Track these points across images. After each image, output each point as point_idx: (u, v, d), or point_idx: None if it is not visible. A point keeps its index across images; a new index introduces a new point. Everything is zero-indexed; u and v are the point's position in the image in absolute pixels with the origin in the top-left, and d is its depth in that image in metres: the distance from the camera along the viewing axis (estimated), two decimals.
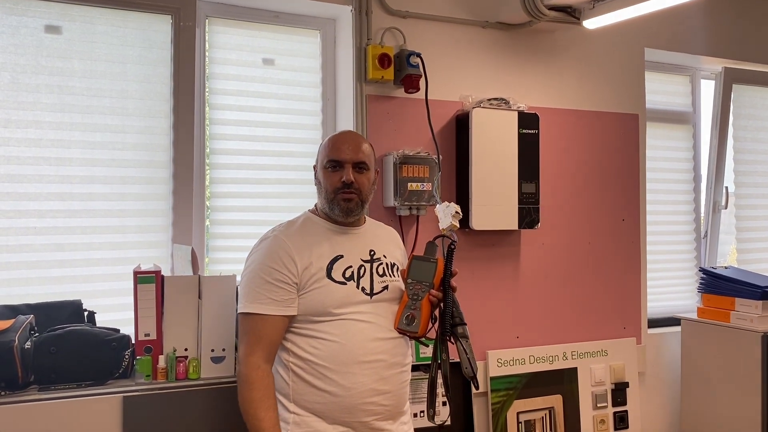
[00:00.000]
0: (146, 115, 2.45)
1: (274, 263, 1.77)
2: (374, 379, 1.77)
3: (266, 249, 1.81)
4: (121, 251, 2.40)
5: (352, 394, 1.75)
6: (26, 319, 2.01)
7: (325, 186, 1.85)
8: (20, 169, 2.27)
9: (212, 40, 2.58)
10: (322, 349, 1.76)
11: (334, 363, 1.75)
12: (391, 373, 1.81)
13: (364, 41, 2.60)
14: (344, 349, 1.75)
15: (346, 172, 1.83)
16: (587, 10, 2.73)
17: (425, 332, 1.84)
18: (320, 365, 1.75)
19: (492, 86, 2.87)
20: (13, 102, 2.26)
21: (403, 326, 1.82)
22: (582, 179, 3.07)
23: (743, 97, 3.74)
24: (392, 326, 1.83)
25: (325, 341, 1.76)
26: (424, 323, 1.81)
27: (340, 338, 1.76)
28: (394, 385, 1.82)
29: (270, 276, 1.76)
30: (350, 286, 1.80)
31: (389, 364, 1.80)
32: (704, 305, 3.22)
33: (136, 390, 1.97)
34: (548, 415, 2.91)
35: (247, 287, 1.79)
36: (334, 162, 1.84)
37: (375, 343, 1.78)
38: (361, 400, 1.75)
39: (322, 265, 1.79)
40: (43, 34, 2.31)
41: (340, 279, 1.80)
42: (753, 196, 3.81)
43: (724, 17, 3.48)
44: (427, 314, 1.82)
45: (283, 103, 2.68)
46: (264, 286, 1.76)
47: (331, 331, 1.76)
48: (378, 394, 1.78)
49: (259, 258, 1.80)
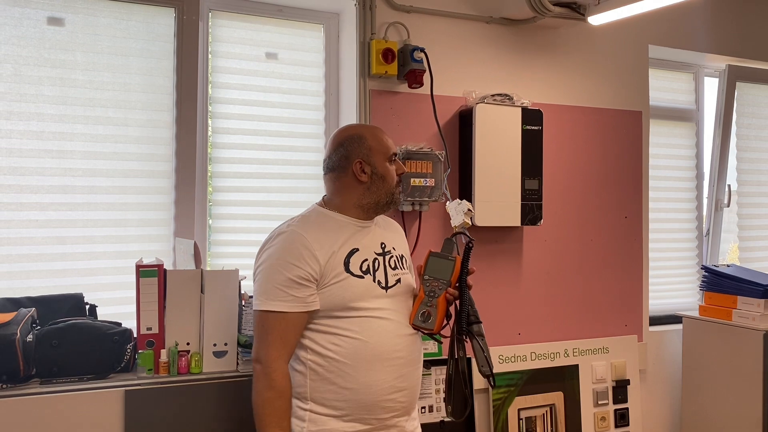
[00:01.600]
0: (149, 108, 2.44)
1: (294, 259, 1.72)
2: (395, 376, 1.76)
3: (284, 243, 1.75)
4: (123, 245, 2.39)
5: (373, 391, 1.74)
6: (28, 312, 2.01)
7: (390, 179, 1.86)
8: (22, 161, 2.27)
9: (215, 34, 2.57)
10: (344, 347, 1.73)
11: (356, 360, 1.73)
12: (410, 370, 1.81)
13: (367, 36, 2.59)
14: (367, 347, 1.73)
15: (399, 165, 1.90)
16: (592, 7, 2.72)
17: (440, 329, 1.83)
18: (342, 362, 1.73)
19: (496, 82, 2.85)
20: (15, 94, 2.25)
21: (418, 323, 1.82)
22: (585, 176, 3.07)
23: (747, 94, 3.73)
24: (408, 322, 1.82)
25: (346, 338, 1.74)
26: (439, 321, 1.81)
27: (362, 335, 1.74)
28: (411, 381, 1.82)
29: (291, 272, 1.71)
30: (368, 279, 1.79)
31: (408, 360, 1.80)
32: (706, 303, 3.22)
33: (138, 384, 1.96)
34: (549, 412, 2.90)
35: (266, 284, 1.73)
36: (395, 154, 1.90)
37: (396, 340, 1.78)
38: (381, 397, 1.75)
39: (341, 259, 1.77)
40: (45, 26, 2.30)
41: (358, 272, 1.77)
42: (756, 194, 3.80)
43: (728, 15, 3.47)
44: (443, 312, 1.81)
45: (286, 97, 2.67)
46: (285, 283, 1.71)
47: (353, 327, 1.74)
48: (397, 390, 1.77)
49: (276, 253, 1.74)
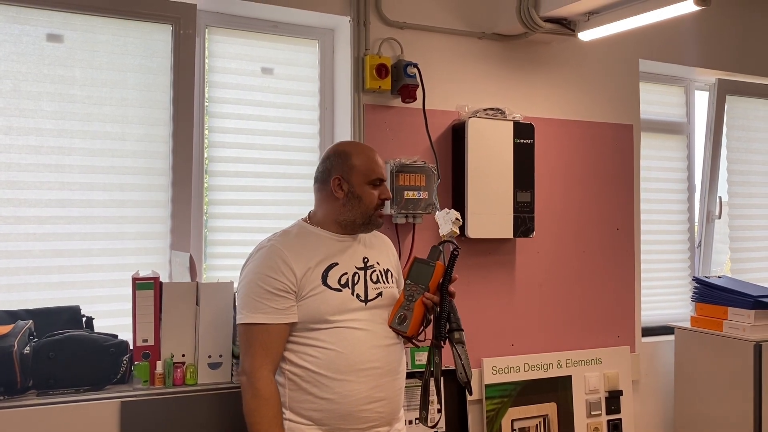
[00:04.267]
0: (146, 122, 2.47)
1: (271, 272, 1.77)
2: (370, 386, 1.79)
3: (263, 258, 1.81)
4: (120, 257, 2.42)
5: (348, 401, 1.76)
6: (25, 325, 2.03)
7: (368, 202, 1.86)
8: (20, 175, 2.29)
9: (212, 49, 2.60)
10: (320, 357, 1.77)
11: (330, 371, 1.76)
12: (387, 381, 1.83)
13: (362, 51, 2.64)
14: (341, 357, 1.77)
15: (384, 190, 1.90)
16: (582, 23, 2.76)
17: (415, 333, 1.86)
18: (317, 373, 1.77)
19: (488, 96, 2.89)
20: (14, 109, 2.28)
21: (395, 325, 1.85)
22: (577, 189, 3.10)
23: (737, 108, 3.78)
24: (387, 334, 1.85)
25: (322, 349, 1.77)
26: (414, 324, 1.83)
27: (337, 346, 1.77)
28: (389, 392, 1.84)
29: (269, 285, 1.76)
30: (345, 292, 1.82)
31: (385, 371, 1.82)
32: (698, 314, 3.25)
33: (134, 395, 1.98)
34: (542, 423, 2.92)
35: (246, 297, 1.79)
36: (379, 180, 1.89)
37: (371, 351, 1.80)
38: (357, 408, 1.77)
39: (318, 273, 1.81)
40: (45, 43, 2.33)
41: (335, 286, 1.81)
42: (746, 206, 3.84)
43: (718, 30, 3.52)
44: (418, 316, 1.84)
45: (281, 111, 2.71)
46: (264, 296, 1.76)
47: (328, 339, 1.78)
48: (374, 401, 1.80)
49: (255, 268, 1.81)
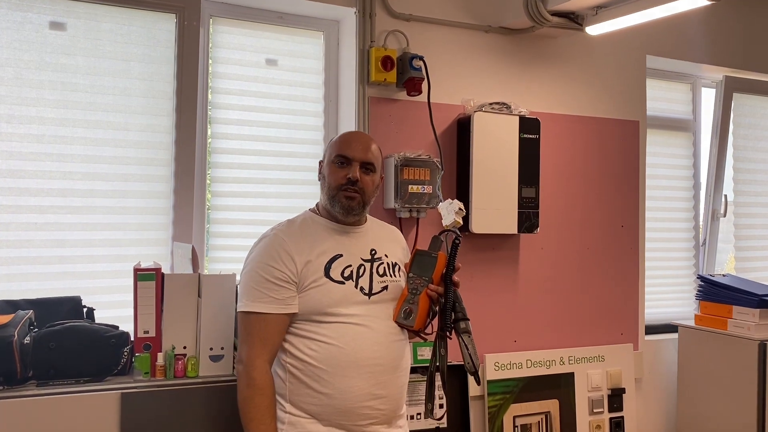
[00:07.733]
0: (149, 113, 2.45)
1: (273, 261, 1.76)
2: (371, 383, 1.76)
3: (265, 247, 1.80)
4: (122, 248, 2.40)
5: (348, 397, 1.74)
6: (26, 315, 2.02)
7: (329, 181, 1.83)
8: (22, 164, 2.28)
9: (216, 40, 2.58)
10: (320, 352, 1.75)
11: (331, 366, 1.74)
12: (389, 378, 1.80)
13: (367, 43, 2.61)
14: (342, 353, 1.74)
15: (353, 169, 1.81)
16: (590, 17, 2.74)
17: (422, 327, 1.83)
18: (317, 367, 1.74)
19: (494, 90, 2.87)
20: (16, 98, 2.27)
21: (401, 320, 1.82)
22: (582, 185, 3.08)
23: (744, 105, 3.76)
24: (391, 329, 1.82)
25: (323, 344, 1.75)
26: (420, 318, 1.80)
27: (338, 341, 1.75)
28: (391, 389, 1.81)
29: (270, 274, 1.75)
30: (348, 285, 1.79)
31: (387, 368, 1.79)
32: (702, 312, 3.23)
33: (135, 387, 1.97)
34: (544, 420, 2.91)
35: (247, 286, 1.78)
36: (342, 158, 1.83)
37: (373, 348, 1.77)
38: (357, 404, 1.75)
39: (321, 264, 1.79)
40: (47, 31, 2.31)
41: (338, 278, 1.79)
42: (752, 204, 3.82)
43: (725, 26, 3.50)
44: (424, 309, 1.81)
45: (285, 103, 2.69)
46: (264, 285, 1.75)
47: (329, 333, 1.75)
48: (374, 398, 1.77)
49: (257, 257, 1.79)
